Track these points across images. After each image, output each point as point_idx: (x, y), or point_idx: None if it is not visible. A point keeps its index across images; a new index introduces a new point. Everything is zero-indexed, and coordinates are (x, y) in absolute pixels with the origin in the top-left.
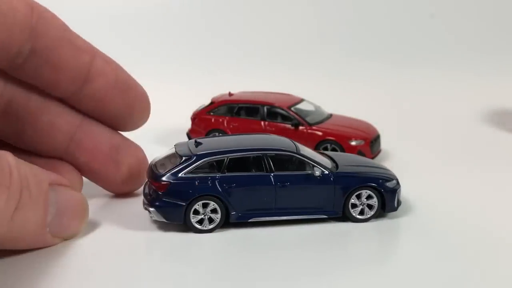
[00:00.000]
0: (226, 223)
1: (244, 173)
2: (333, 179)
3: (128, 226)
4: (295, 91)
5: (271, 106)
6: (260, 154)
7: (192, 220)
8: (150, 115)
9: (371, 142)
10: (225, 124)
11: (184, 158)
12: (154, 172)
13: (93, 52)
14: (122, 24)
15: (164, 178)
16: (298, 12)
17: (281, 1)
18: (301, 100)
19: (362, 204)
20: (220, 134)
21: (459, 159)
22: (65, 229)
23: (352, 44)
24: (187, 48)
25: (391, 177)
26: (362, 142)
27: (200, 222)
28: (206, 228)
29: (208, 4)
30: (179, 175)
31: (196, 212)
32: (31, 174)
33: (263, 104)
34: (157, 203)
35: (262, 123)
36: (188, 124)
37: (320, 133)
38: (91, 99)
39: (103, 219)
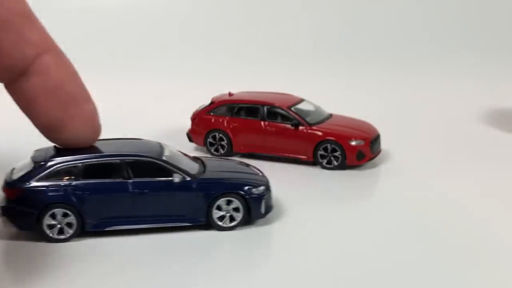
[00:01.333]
0: (84, 232)
1: (99, 180)
2: (195, 185)
3: None
4: (295, 91)
5: (271, 106)
6: (117, 160)
7: (46, 229)
8: (100, 133)
9: (371, 142)
10: (225, 124)
11: (36, 165)
12: (6, 178)
13: (45, 49)
14: (122, 23)
15: (14, 185)
16: (299, 12)
17: (282, 1)
18: (301, 100)
19: (227, 211)
20: None
21: (459, 159)
22: None
23: (352, 44)
24: (187, 47)
25: (259, 183)
26: (362, 142)
27: (57, 230)
28: (61, 238)
29: (209, 4)
30: (31, 182)
31: (52, 220)
32: None
33: (263, 104)
34: (8, 211)
35: (262, 123)
36: (188, 124)
37: (320, 133)
38: (23, 94)
39: None
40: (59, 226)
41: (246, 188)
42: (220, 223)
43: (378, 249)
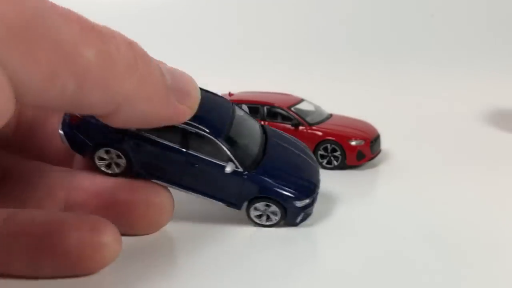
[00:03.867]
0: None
1: (157, 139)
2: (243, 178)
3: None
4: (295, 91)
5: (271, 106)
6: (181, 127)
7: (97, 160)
8: None
9: (371, 142)
10: None
11: None
12: None
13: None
14: (120, 22)
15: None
16: (299, 12)
17: (282, 1)
18: (301, 100)
19: (264, 212)
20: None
21: (459, 159)
22: (185, 95)
23: (352, 45)
24: (187, 47)
25: (307, 193)
26: (362, 142)
27: (105, 164)
28: (108, 172)
29: (209, 4)
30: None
31: (105, 155)
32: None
33: (263, 104)
34: (66, 130)
35: (262, 123)
36: None
37: (320, 133)
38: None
39: None
40: (108, 161)
41: (289, 199)
42: (256, 221)
43: (378, 248)
